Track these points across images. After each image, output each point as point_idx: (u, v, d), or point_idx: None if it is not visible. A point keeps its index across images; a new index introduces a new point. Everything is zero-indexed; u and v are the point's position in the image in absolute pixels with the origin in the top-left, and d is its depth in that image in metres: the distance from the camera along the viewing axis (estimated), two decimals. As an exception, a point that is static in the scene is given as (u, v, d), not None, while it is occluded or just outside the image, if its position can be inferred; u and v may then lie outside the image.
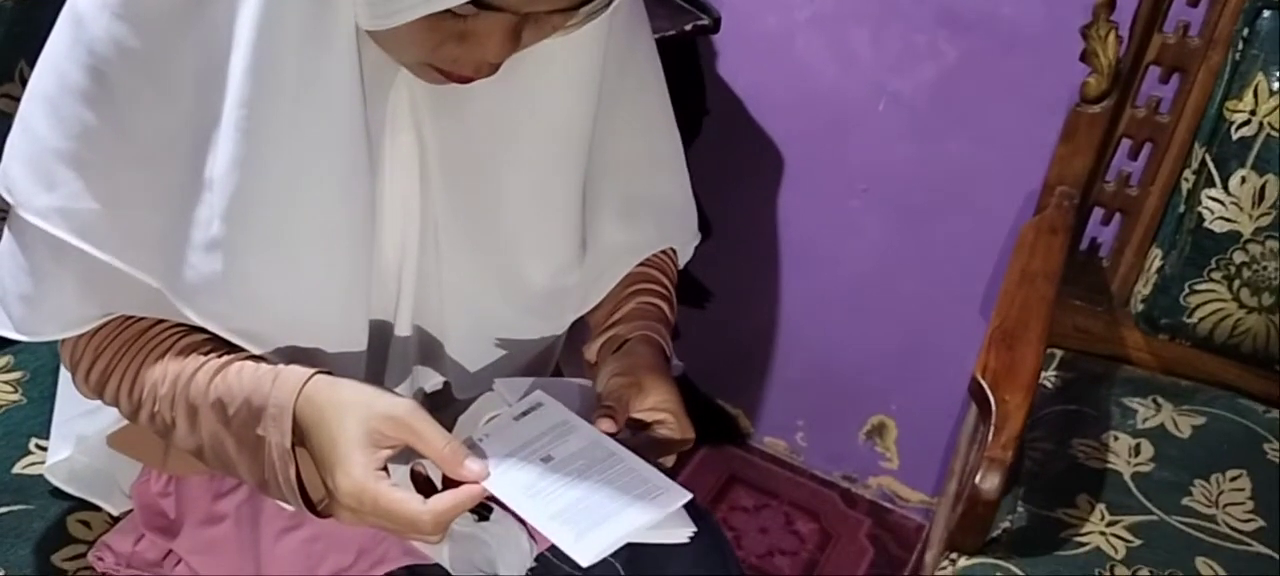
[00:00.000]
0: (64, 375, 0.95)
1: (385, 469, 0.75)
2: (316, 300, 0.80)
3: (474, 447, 0.77)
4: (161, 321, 0.82)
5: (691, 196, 1.03)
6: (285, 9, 0.69)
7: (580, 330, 0.98)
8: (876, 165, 1.64)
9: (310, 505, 0.78)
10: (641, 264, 0.98)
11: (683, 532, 0.86)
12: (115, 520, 1.00)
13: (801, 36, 1.59)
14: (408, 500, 0.72)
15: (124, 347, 0.82)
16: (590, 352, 0.93)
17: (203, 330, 0.81)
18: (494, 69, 0.73)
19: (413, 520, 0.72)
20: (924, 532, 1.85)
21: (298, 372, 0.77)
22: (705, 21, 1.51)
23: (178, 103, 0.73)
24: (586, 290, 0.95)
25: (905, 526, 1.88)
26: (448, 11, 0.66)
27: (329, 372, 0.78)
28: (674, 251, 1.03)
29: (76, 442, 0.96)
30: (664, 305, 0.97)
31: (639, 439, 0.84)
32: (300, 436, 0.76)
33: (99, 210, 0.75)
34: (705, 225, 1.06)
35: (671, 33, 1.46)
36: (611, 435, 0.81)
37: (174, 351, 0.81)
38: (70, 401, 0.95)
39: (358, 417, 0.74)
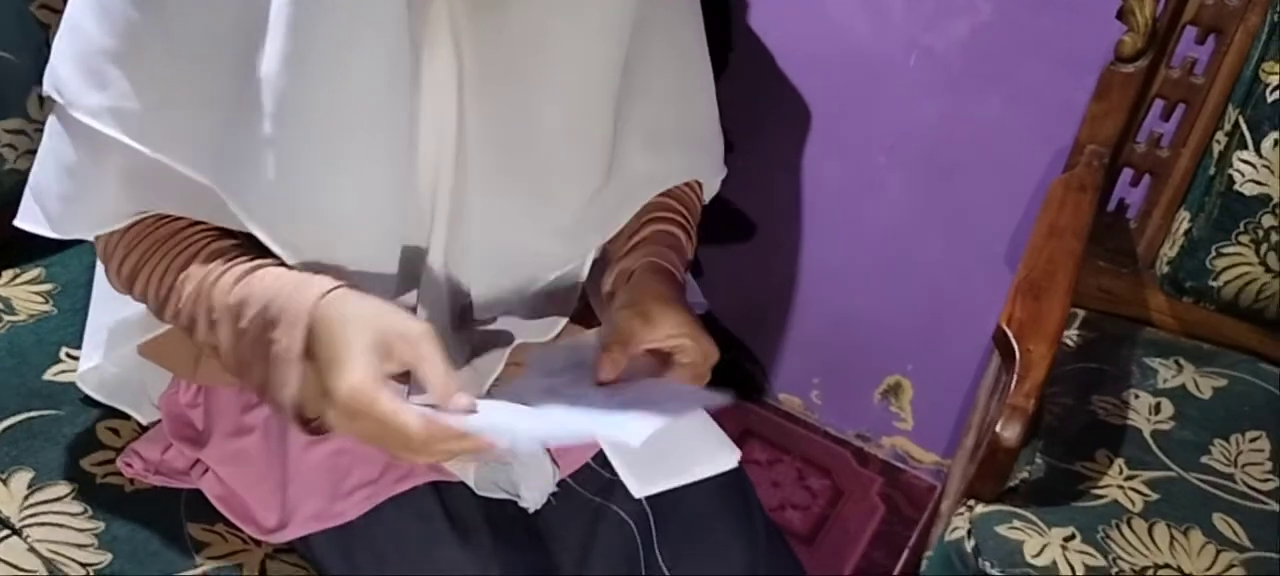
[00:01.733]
0: (99, 281, 0.96)
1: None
2: (357, 205, 0.80)
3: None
4: (197, 223, 0.82)
5: (720, 130, 1.03)
6: None
7: (601, 263, 0.99)
8: (904, 122, 1.63)
9: (302, 419, 0.77)
10: (664, 194, 0.97)
11: (732, 457, 0.86)
12: (144, 429, 1.01)
13: (834, -14, 1.59)
14: (405, 411, 0.71)
15: (156, 245, 0.82)
16: (606, 283, 0.93)
17: (234, 235, 0.82)
18: None
19: (405, 432, 0.71)
20: (936, 493, 1.85)
21: (322, 282, 0.77)
22: (739, -32, 1.50)
23: (224, 1, 0.73)
24: (609, 216, 0.95)
25: (917, 487, 1.89)
26: None
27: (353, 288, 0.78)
28: (700, 184, 1.03)
29: (107, 350, 0.96)
30: (679, 233, 0.96)
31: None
32: (311, 344, 0.75)
33: (149, 109, 0.75)
34: (729, 163, 1.05)
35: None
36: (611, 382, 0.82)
37: (205, 254, 0.81)
38: (104, 309, 0.96)
39: (372, 327, 0.74)
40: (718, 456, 0.83)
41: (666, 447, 0.77)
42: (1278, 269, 1.30)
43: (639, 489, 0.80)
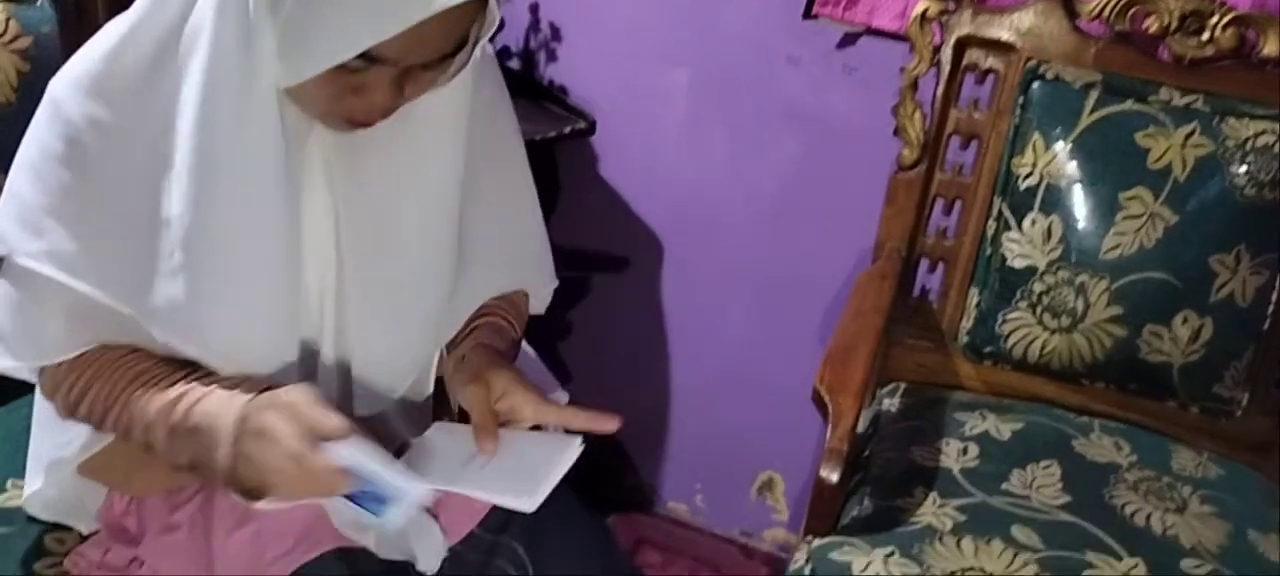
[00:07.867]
0: (38, 416, 1.13)
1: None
2: (253, 320, 0.99)
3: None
4: (135, 350, 1.01)
5: (547, 248, 1.23)
6: (224, 70, 0.90)
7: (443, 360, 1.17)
8: (743, 242, 1.88)
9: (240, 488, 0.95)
10: (494, 299, 1.17)
11: (577, 445, 1.03)
12: (84, 538, 1.16)
13: (668, 138, 1.85)
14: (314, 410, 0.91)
15: (99, 372, 1.00)
16: (446, 367, 1.13)
17: (162, 358, 1.00)
18: (385, 114, 0.94)
19: (315, 424, 0.90)
20: None
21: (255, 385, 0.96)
22: (582, 126, 1.76)
23: (139, 155, 0.93)
24: (451, 321, 1.14)
25: (799, 575, 2.06)
26: (344, 68, 0.87)
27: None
28: (525, 295, 1.23)
29: (48, 475, 1.12)
30: (501, 321, 1.16)
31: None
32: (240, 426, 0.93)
33: (78, 250, 0.95)
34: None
35: (552, 135, 1.71)
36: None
37: (139, 378, 0.99)
38: (44, 444, 1.13)
39: (291, 399, 0.93)
40: (567, 452, 1.01)
41: (524, 467, 0.97)
42: (1053, 326, 1.55)
43: (532, 504, 0.97)
